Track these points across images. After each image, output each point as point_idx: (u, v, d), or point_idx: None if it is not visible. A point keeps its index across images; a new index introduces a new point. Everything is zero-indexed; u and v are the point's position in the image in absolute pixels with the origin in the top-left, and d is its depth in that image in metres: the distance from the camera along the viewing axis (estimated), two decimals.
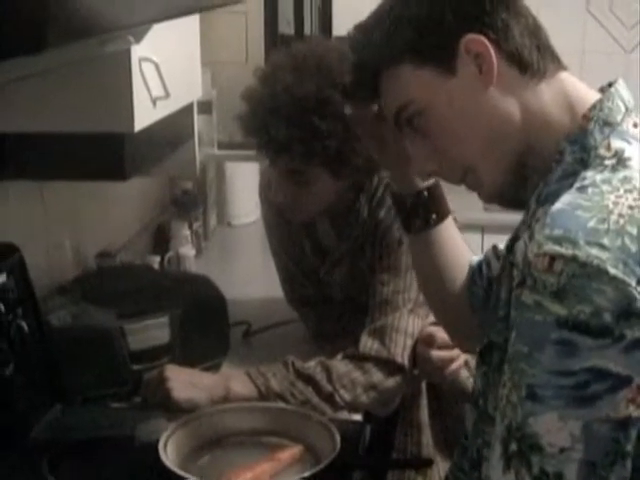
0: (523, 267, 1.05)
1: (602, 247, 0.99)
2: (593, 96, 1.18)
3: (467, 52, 1.16)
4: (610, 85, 1.19)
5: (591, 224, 1.01)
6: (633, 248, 1.00)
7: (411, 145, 1.25)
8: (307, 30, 3.06)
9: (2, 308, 1.57)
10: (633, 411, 1.00)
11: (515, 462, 1.04)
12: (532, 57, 1.18)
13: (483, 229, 3.22)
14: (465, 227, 2.17)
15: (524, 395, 1.03)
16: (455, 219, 2.01)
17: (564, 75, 1.20)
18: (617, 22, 3.57)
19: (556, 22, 1.19)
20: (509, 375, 1.06)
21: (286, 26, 3.06)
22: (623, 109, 1.16)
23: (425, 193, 1.47)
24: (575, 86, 1.20)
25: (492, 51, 1.15)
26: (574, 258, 0.99)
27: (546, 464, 1.02)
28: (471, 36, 1.15)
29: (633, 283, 0.98)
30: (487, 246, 2.93)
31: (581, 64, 3.43)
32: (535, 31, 1.19)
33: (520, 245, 1.14)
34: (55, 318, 1.82)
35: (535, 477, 1.02)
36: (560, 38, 1.26)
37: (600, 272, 0.98)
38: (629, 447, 1.02)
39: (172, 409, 1.70)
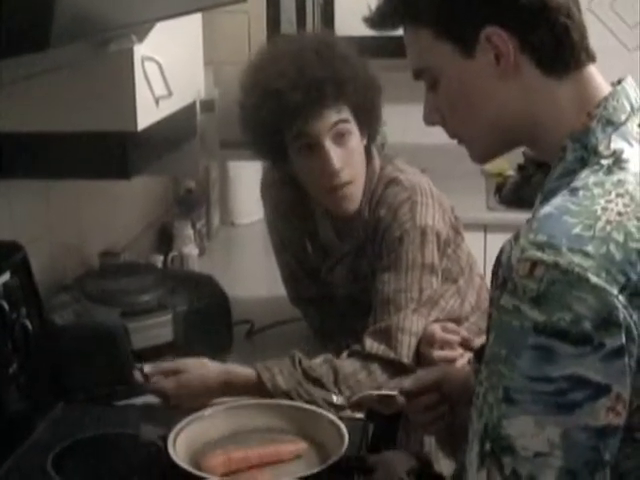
0: (506, 269, 1.05)
1: (585, 254, 0.99)
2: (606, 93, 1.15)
3: (487, 42, 1.14)
4: (619, 82, 1.16)
5: (576, 230, 1.01)
6: (618, 256, 0.99)
7: (426, 93, 1.24)
8: (309, 29, 3.06)
9: (6, 307, 1.58)
10: (612, 419, 1.00)
11: (488, 461, 1.04)
12: (555, 55, 1.14)
13: (486, 228, 3.22)
14: (468, 226, 2.17)
15: (500, 397, 1.03)
16: (456, 217, 2.02)
17: (588, 71, 1.16)
18: (619, 21, 3.56)
19: None
20: (486, 375, 1.05)
21: (288, 25, 3.06)
22: (628, 108, 1.13)
23: None
24: (594, 83, 1.16)
25: (512, 47, 1.13)
26: (555, 265, 0.99)
27: (519, 466, 1.01)
28: (493, 29, 1.13)
29: (615, 292, 0.98)
30: (490, 245, 2.93)
31: None
32: (566, 27, 1.15)
33: (506, 244, 1.13)
34: (59, 317, 1.82)
35: (506, 478, 1.02)
36: None
37: (581, 280, 0.98)
38: (607, 456, 1.01)
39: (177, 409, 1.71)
